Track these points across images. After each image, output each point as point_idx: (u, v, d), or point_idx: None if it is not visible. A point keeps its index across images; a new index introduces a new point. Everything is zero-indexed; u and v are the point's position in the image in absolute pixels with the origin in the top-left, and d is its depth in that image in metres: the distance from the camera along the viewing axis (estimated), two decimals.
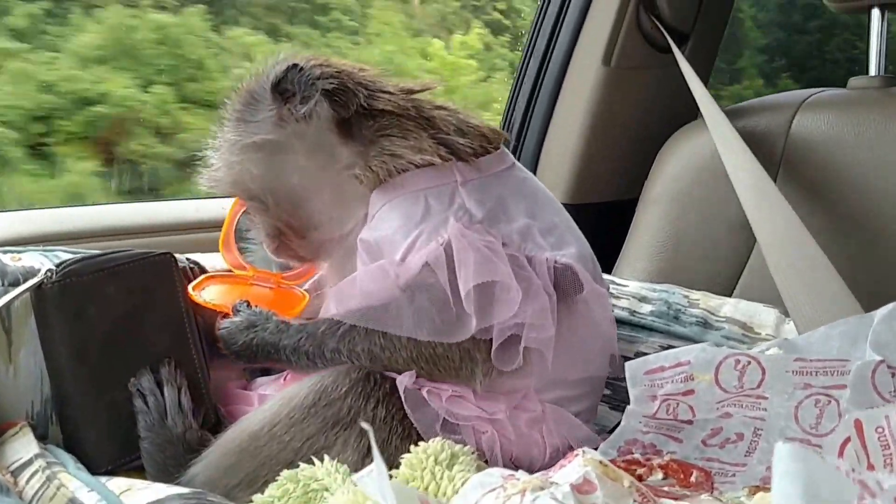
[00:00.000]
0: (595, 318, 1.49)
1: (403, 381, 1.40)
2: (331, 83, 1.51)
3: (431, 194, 1.48)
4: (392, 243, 1.46)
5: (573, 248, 1.49)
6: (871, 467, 0.95)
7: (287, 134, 1.55)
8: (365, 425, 1.22)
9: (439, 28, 5.32)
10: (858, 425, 0.96)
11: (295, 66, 1.52)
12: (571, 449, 1.39)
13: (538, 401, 1.45)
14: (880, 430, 0.95)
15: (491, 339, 1.38)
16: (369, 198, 1.53)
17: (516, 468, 1.38)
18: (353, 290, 1.47)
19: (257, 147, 1.57)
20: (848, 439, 0.96)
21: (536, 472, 1.37)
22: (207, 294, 1.66)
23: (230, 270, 1.79)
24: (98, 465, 1.42)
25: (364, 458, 1.33)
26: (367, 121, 1.53)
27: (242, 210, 1.72)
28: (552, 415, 1.45)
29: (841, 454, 0.96)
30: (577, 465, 1.02)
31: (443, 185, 1.49)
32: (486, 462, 1.37)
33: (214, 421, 1.54)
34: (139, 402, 1.47)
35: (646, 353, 1.69)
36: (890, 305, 1.19)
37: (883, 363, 1.14)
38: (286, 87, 1.53)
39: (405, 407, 1.38)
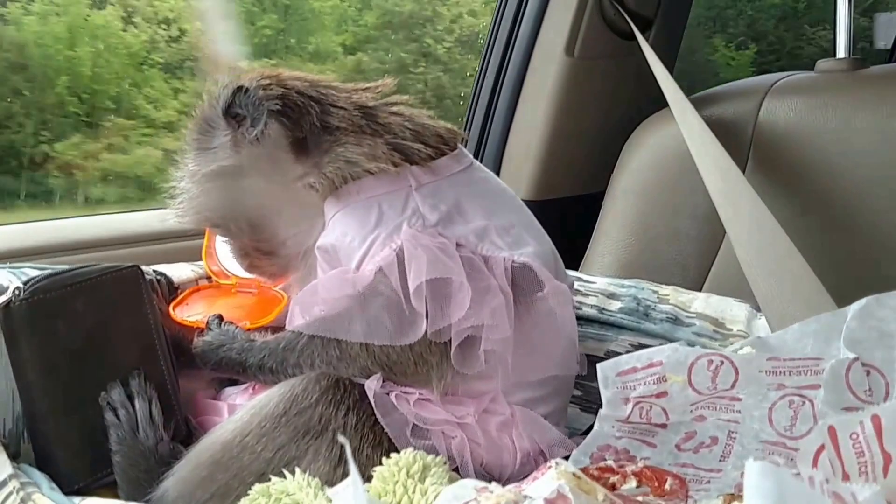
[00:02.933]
0: (557, 316, 1.45)
1: (371, 385, 1.36)
2: (276, 104, 1.47)
3: (385, 200, 1.45)
4: (348, 251, 1.43)
5: (531, 247, 1.44)
6: (846, 476, 0.90)
7: (243, 158, 1.53)
8: (342, 438, 1.20)
9: None
10: (833, 432, 0.92)
11: (241, 88, 1.49)
12: (542, 453, 1.37)
13: (507, 404, 1.41)
14: (855, 436, 0.91)
15: (445, 343, 1.35)
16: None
17: (487, 474, 1.36)
18: (314, 297, 1.44)
19: (216, 175, 1.55)
20: (822, 447, 0.92)
21: (507, 478, 1.35)
22: (193, 309, 1.69)
23: (209, 278, 1.82)
24: (71, 481, 1.38)
25: (335, 468, 1.30)
26: (322, 135, 1.50)
27: None
28: (522, 418, 1.41)
29: (815, 464, 0.92)
30: (551, 479, 0.98)
31: (396, 191, 1.46)
32: (457, 469, 1.33)
33: (185, 432, 1.51)
34: (110, 416, 1.43)
35: (616, 352, 1.69)
36: (863, 301, 1.15)
37: (857, 361, 1.10)
38: (237, 112, 1.50)
39: (376, 412, 1.35)
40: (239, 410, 1.42)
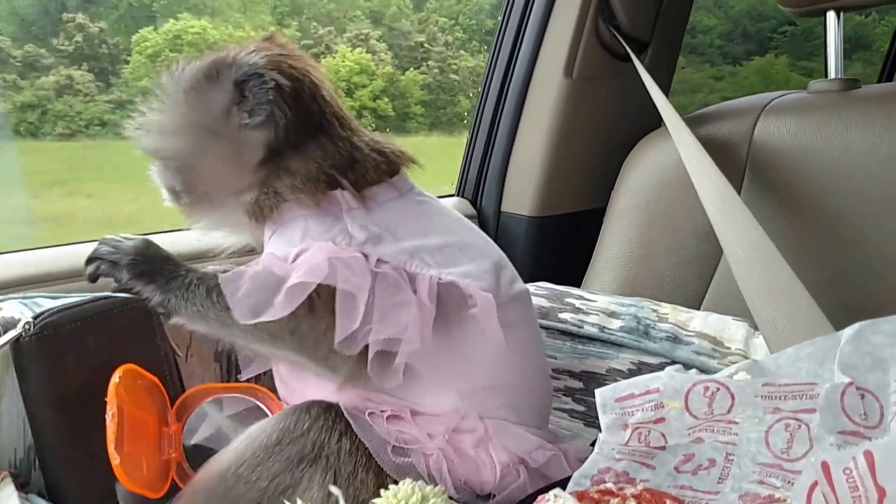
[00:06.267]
0: (488, 329, 1.40)
1: (346, 401, 1.37)
2: (282, 114, 1.44)
3: (313, 218, 1.43)
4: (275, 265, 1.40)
5: (464, 267, 1.43)
6: None
7: (218, 125, 1.47)
8: (334, 489, 1.18)
9: None
10: (826, 468, 0.89)
11: (260, 76, 1.43)
12: (522, 461, 1.36)
13: (479, 419, 1.39)
14: (848, 471, 0.89)
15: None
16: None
17: (468, 489, 1.35)
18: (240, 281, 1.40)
19: (193, 126, 1.48)
20: (815, 483, 0.90)
21: (490, 493, 1.35)
22: None
23: None
24: None
25: (329, 495, 1.27)
26: (284, 157, 1.47)
27: None
28: (496, 431, 1.39)
29: (809, 500, 0.90)
30: None
31: (326, 212, 1.44)
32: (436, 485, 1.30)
33: None
34: None
35: (618, 370, 1.67)
36: (856, 325, 1.12)
37: (851, 385, 1.08)
38: (244, 92, 1.45)
39: (355, 429, 1.33)
40: (234, 440, 1.40)
